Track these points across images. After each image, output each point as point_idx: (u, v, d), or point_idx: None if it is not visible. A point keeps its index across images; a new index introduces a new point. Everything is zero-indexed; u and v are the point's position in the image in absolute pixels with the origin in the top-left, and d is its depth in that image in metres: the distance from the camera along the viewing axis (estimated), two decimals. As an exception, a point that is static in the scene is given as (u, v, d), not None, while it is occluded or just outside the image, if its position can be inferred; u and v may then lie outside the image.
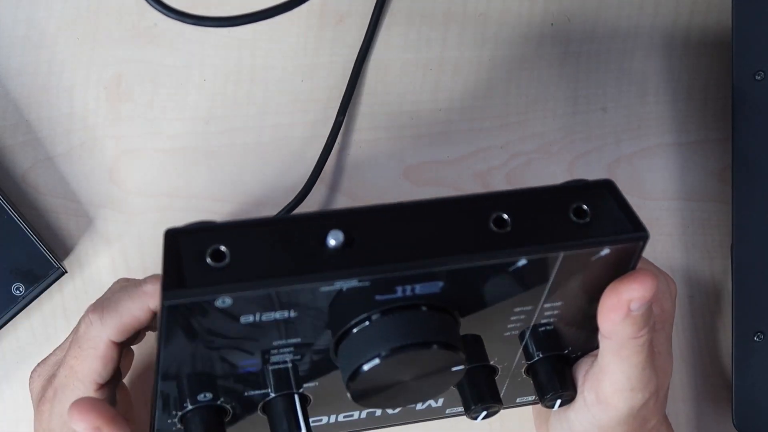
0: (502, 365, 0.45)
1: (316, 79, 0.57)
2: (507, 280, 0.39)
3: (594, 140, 0.58)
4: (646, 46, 0.59)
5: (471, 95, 0.58)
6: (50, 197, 0.55)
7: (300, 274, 0.36)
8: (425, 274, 0.38)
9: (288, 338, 0.39)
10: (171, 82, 0.56)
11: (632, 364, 0.42)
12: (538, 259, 0.38)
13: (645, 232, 0.39)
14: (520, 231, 0.38)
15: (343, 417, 0.46)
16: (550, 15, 0.58)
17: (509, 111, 0.58)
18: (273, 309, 0.37)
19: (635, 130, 0.59)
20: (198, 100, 0.56)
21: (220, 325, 0.38)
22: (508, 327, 0.43)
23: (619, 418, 0.44)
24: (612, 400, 0.43)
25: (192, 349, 0.39)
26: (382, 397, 0.41)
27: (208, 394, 0.41)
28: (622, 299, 0.40)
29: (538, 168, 0.58)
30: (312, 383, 0.43)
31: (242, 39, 0.56)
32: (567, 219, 0.39)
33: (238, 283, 0.36)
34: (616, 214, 0.39)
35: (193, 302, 0.36)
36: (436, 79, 0.57)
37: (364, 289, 0.37)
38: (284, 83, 0.56)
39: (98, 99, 0.55)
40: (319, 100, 0.57)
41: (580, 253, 0.39)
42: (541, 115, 0.58)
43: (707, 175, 0.59)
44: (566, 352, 0.45)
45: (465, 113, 0.58)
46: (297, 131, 0.57)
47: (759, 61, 0.53)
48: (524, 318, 0.43)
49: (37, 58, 0.55)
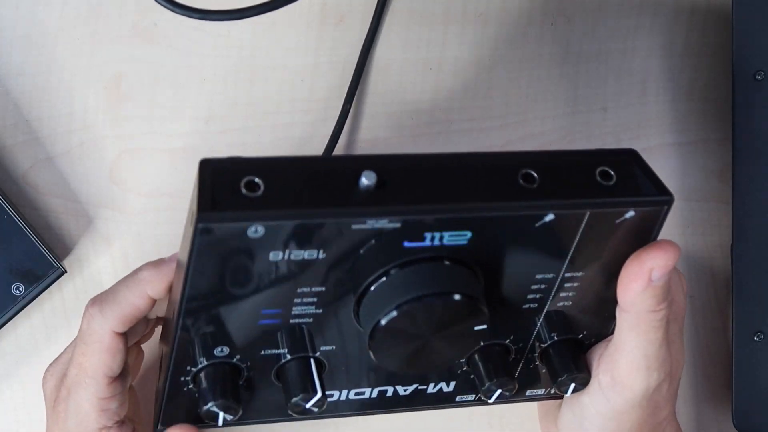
0: (516, 346, 0.45)
1: (316, 79, 0.57)
2: (532, 238, 0.40)
3: (594, 140, 0.58)
4: (646, 46, 0.59)
5: (471, 95, 0.58)
6: (50, 197, 0.55)
7: (333, 207, 0.36)
8: (455, 219, 0.38)
9: (313, 286, 0.39)
10: (171, 82, 0.56)
11: (649, 340, 0.42)
12: (565, 215, 0.39)
13: (670, 195, 0.40)
14: (547, 187, 0.39)
15: (354, 394, 0.46)
16: (550, 15, 0.58)
17: (509, 111, 0.58)
18: (303, 246, 0.37)
19: (635, 130, 0.59)
20: (198, 100, 0.56)
21: (248, 261, 0.38)
22: (528, 298, 0.43)
23: (633, 400, 0.44)
24: (628, 380, 0.43)
25: (218, 285, 0.38)
26: (402, 355, 0.40)
27: (225, 348, 0.41)
28: (644, 267, 0.40)
29: (538, 168, 0.58)
30: (329, 347, 0.42)
31: (242, 39, 0.56)
32: (593, 180, 0.40)
33: (271, 211, 0.36)
34: (640, 179, 0.41)
35: (226, 228, 0.36)
36: (436, 79, 0.57)
37: (394, 232, 0.38)
38: (284, 83, 0.56)
39: (98, 99, 0.55)
40: (319, 100, 0.57)
41: (606, 212, 0.39)
42: (541, 115, 0.58)
43: (707, 175, 0.59)
44: (581, 336, 0.45)
45: (465, 113, 0.58)
46: (297, 131, 0.57)
47: (759, 61, 0.53)
48: (544, 288, 0.43)
49: (37, 58, 0.55)
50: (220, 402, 0.41)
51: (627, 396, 0.44)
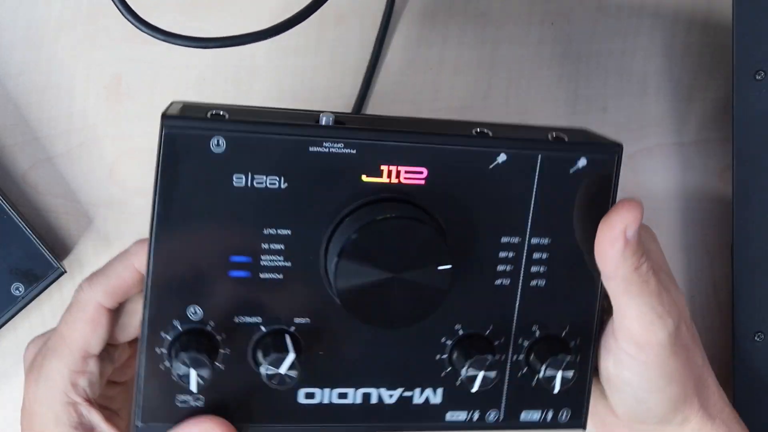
0: (498, 341, 0.45)
1: (317, 79, 0.57)
2: (489, 185, 0.42)
3: (594, 140, 0.59)
4: (646, 46, 0.59)
5: (471, 95, 0.58)
6: (50, 197, 0.55)
7: (291, 126, 0.40)
8: (409, 150, 0.41)
9: (279, 227, 0.41)
10: (171, 82, 0.56)
11: (647, 293, 0.43)
12: (517, 155, 0.41)
13: (619, 144, 0.43)
14: (500, 136, 0.42)
15: (337, 396, 0.45)
16: (550, 15, 0.58)
17: (509, 111, 0.58)
18: (264, 169, 0.40)
19: (635, 130, 0.59)
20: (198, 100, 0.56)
21: (213, 185, 0.40)
22: (498, 270, 0.43)
23: (664, 351, 0.44)
24: (648, 336, 0.43)
25: (185, 214, 0.40)
26: (370, 303, 0.40)
27: (198, 308, 0.42)
28: (616, 229, 0.41)
29: (538, 168, 0.58)
30: (303, 319, 0.42)
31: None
32: (545, 138, 0.43)
33: (232, 124, 0.39)
34: (591, 138, 0.44)
35: (189, 136, 0.39)
36: (436, 79, 0.57)
37: (351, 160, 0.40)
38: (284, 83, 0.56)
39: (98, 99, 0.55)
40: (319, 100, 0.57)
41: (558, 157, 0.42)
42: (541, 115, 0.58)
43: (707, 175, 0.59)
44: (564, 335, 0.45)
45: (465, 113, 0.58)
46: (297, 131, 0.57)
47: (759, 61, 0.53)
48: (513, 258, 0.43)
49: (37, 58, 0.55)
50: (192, 355, 0.40)
51: (657, 350, 0.44)
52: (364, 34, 0.57)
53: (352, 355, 0.44)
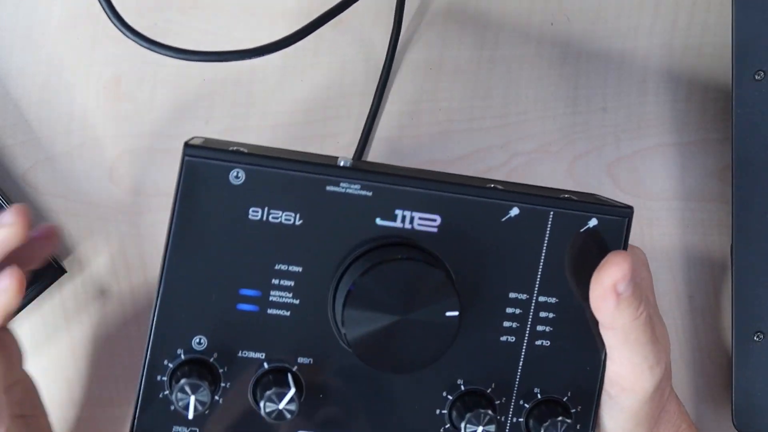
0: (499, 400, 0.44)
1: (316, 79, 0.57)
2: (500, 237, 0.42)
3: (594, 140, 0.58)
4: (646, 46, 0.59)
5: (471, 95, 0.58)
6: (50, 197, 0.55)
7: (310, 164, 0.41)
8: (425, 197, 0.41)
9: (291, 263, 0.41)
10: (171, 82, 0.56)
11: (643, 343, 0.42)
12: (529, 210, 0.42)
13: (629, 207, 0.43)
14: (513, 190, 0.43)
15: None
16: (550, 15, 0.58)
17: (509, 111, 0.58)
18: (281, 204, 0.40)
19: (635, 130, 0.59)
20: (198, 100, 0.56)
21: (229, 216, 0.40)
22: (504, 326, 0.43)
23: (645, 396, 0.44)
24: (638, 384, 0.43)
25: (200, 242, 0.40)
26: (378, 344, 0.40)
27: (203, 338, 0.42)
28: (606, 285, 0.41)
29: (538, 168, 0.58)
30: (306, 359, 0.42)
31: (241, 39, 0.56)
32: (558, 197, 0.43)
33: (253, 159, 0.40)
34: (602, 201, 0.44)
35: (209, 165, 0.39)
36: (436, 79, 0.57)
37: (366, 202, 0.41)
38: (284, 83, 0.56)
39: (98, 99, 0.55)
40: (319, 100, 0.57)
41: (570, 215, 0.42)
42: (541, 115, 0.58)
43: (707, 175, 0.59)
44: (566, 399, 0.45)
45: (465, 113, 0.58)
46: (297, 131, 0.56)
47: (759, 61, 0.53)
48: (520, 315, 0.43)
49: (37, 58, 0.55)
50: (193, 382, 0.40)
51: (639, 396, 0.44)
52: (364, 35, 0.57)
53: (353, 401, 0.44)
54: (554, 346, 0.44)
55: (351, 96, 0.57)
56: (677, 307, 0.59)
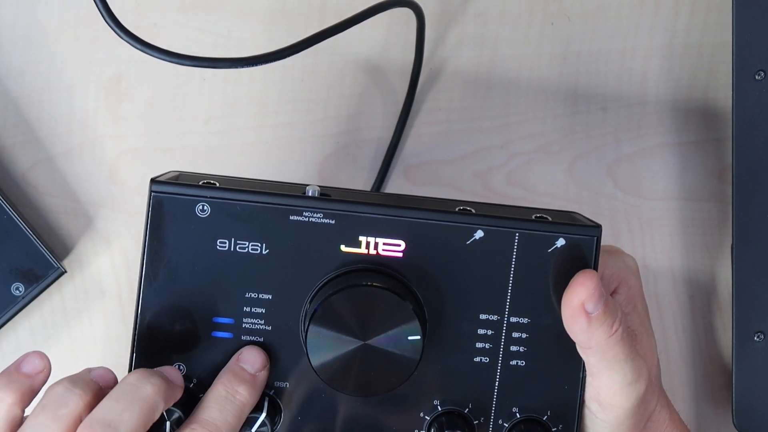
0: (477, 420, 0.44)
1: (316, 78, 0.57)
2: (467, 260, 0.42)
3: (594, 140, 0.58)
4: (646, 46, 0.59)
5: (471, 95, 0.58)
6: (50, 197, 0.55)
7: (274, 195, 0.41)
8: (388, 222, 0.41)
9: (260, 292, 0.42)
10: (171, 82, 0.56)
11: (621, 360, 0.42)
12: (494, 232, 0.42)
13: (597, 226, 0.42)
14: (481, 213, 0.43)
15: None
16: (550, 15, 0.58)
17: (509, 111, 0.58)
18: (246, 236, 0.41)
19: (635, 130, 0.59)
20: (197, 100, 0.56)
21: (197, 245, 0.41)
22: (477, 347, 0.43)
23: (627, 412, 0.44)
24: (616, 400, 0.43)
25: (171, 275, 0.41)
26: (342, 369, 0.41)
27: (182, 365, 0.42)
28: (574, 307, 0.41)
29: (538, 168, 0.58)
30: (282, 383, 0.43)
31: (241, 39, 0.56)
32: (527, 218, 0.43)
33: (218, 192, 0.41)
34: (574, 220, 0.44)
35: (175, 200, 0.41)
36: (436, 79, 0.57)
37: (330, 230, 0.41)
38: (284, 83, 0.56)
39: (98, 99, 0.55)
40: (319, 100, 0.57)
41: (536, 236, 0.42)
42: (541, 115, 0.58)
43: (707, 175, 0.59)
44: (545, 418, 0.44)
45: (465, 113, 0.58)
46: (297, 131, 0.57)
47: (759, 61, 0.53)
48: (492, 336, 0.43)
49: (37, 58, 0.55)
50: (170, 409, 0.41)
51: (619, 412, 0.44)
52: (364, 35, 0.57)
53: (331, 423, 0.44)
54: (530, 366, 0.44)
55: (351, 96, 0.57)
56: (677, 307, 0.59)
